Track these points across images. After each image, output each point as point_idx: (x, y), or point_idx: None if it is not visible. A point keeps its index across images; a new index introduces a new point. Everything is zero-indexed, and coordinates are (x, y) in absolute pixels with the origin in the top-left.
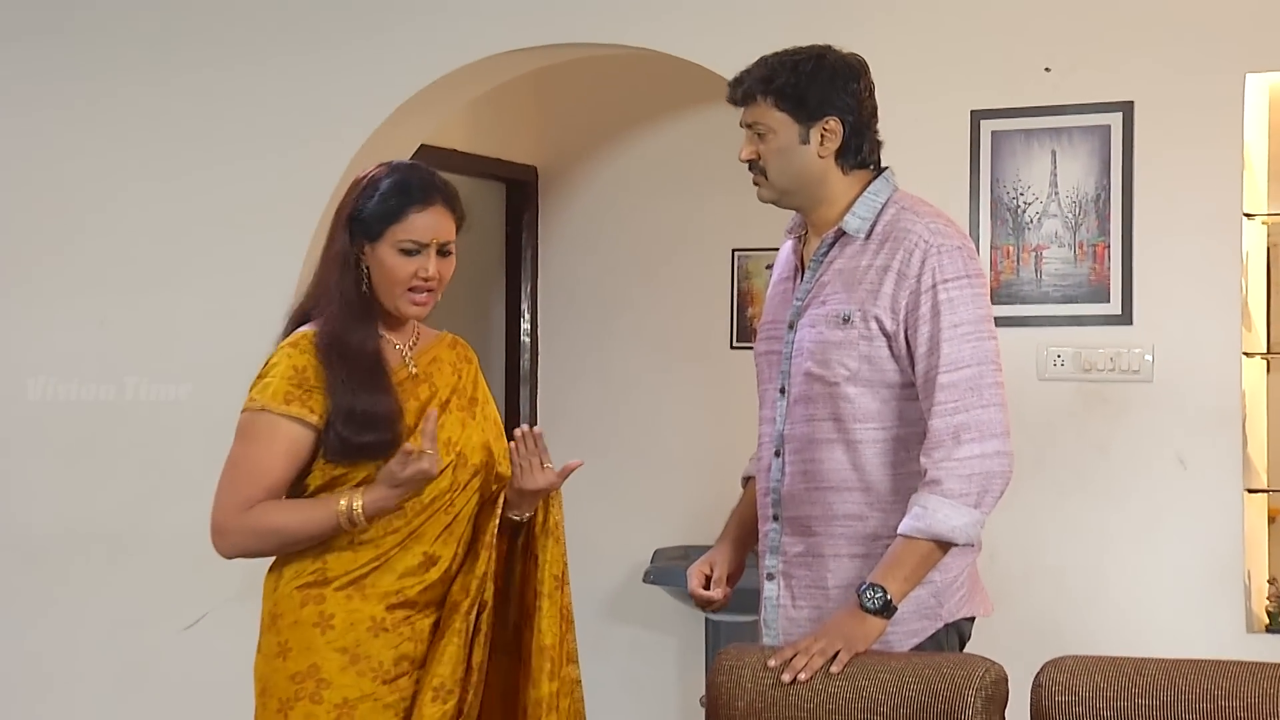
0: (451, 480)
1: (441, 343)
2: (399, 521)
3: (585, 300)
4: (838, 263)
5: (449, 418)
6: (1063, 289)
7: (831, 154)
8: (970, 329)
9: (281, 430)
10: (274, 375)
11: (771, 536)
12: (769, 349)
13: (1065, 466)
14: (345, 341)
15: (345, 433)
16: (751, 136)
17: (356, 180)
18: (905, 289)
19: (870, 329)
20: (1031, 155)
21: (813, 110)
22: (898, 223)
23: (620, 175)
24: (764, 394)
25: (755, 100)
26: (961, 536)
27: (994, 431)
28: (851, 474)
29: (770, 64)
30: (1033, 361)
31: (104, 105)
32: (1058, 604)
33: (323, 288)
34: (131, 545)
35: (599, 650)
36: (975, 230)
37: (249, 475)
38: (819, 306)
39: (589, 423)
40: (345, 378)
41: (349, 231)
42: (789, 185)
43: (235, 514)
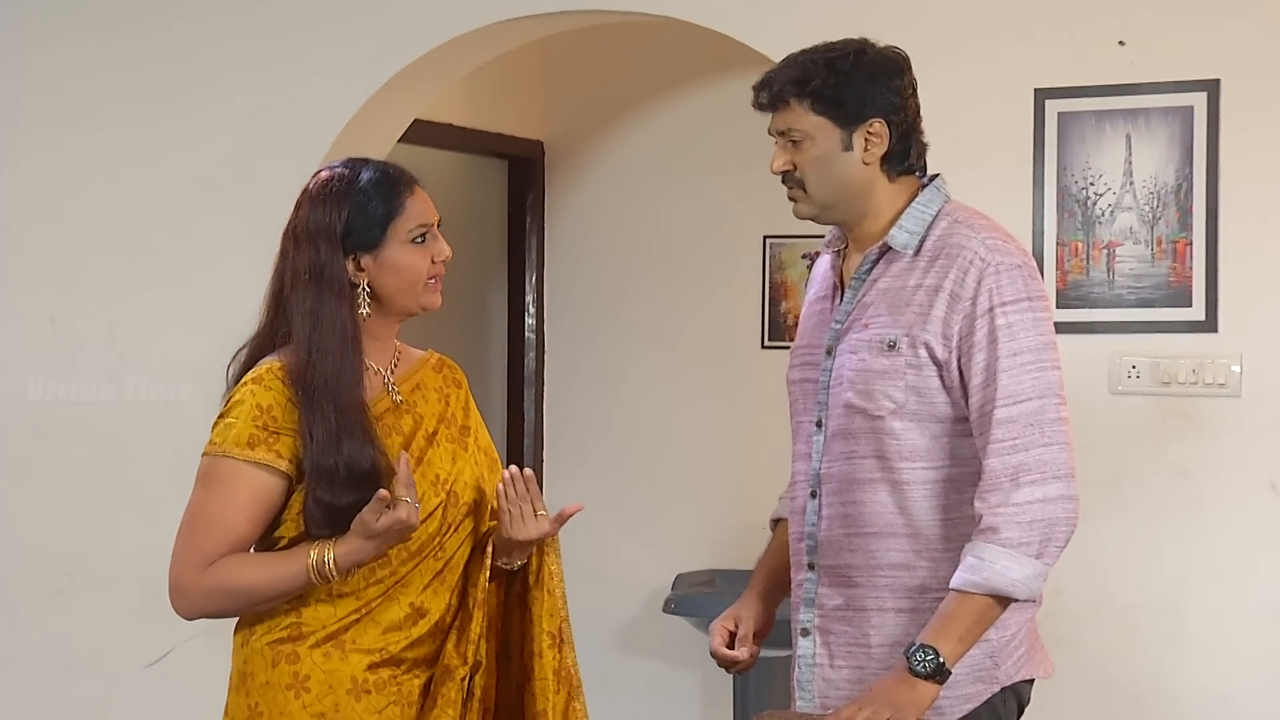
0: (441, 522)
1: (426, 365)
2: (383, 570)
3: (596, 293)
4: (882, 282)
5: (437, 451)
6: (1138, 291)
7: (877, 160)
8: (1031, 358)
9: (245, 478)
10: (237, 415)
11: (807, 587)
12: (804, 376)
13: (1141, 492)
14: (333, 382)
15: (325, 496)
16: (784, 145)
17: (314, 196)
18: (959, 312)
19: (919, 356)
20: (1103, 140)
21: (856, 112)
22: (950, 238)
23: (637, 151)
24: (798, 427)
25: (787, 104)
26: (1022, 591)
27: (1057, 473)
28: (897, 518)
29: (802, 63)
30: (1104, 373)
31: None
32: (1131, 649)
33: (294, 317)
34: (86, 572)
35: (614, 686)
36: (1039, 225)
37: (209, 528)
38: (860, 330)
39: (600, 432)
40: (324, 425)
41: (340, 250)
42: (831, 197)
43: (194, 571)
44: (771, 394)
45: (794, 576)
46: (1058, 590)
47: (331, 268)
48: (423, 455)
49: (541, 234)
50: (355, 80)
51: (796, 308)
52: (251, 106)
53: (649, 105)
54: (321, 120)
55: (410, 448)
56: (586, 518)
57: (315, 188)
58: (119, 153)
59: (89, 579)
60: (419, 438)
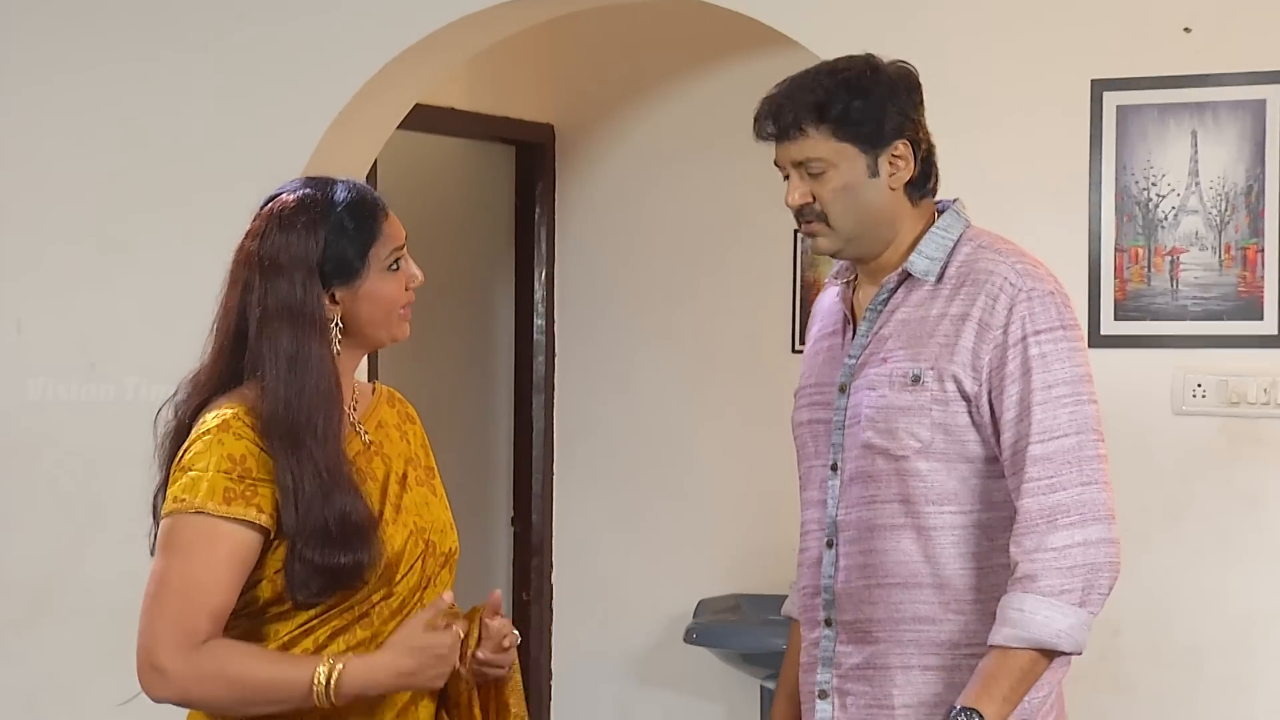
0: (421, 576)
1: (380, 400)
2: (364, 631)
3: (611, 290)
4: (901, 312)
5: (410, 496)
6: (1204, 302)
7: (901, 185)
8: (1067, 390)
9: (224, 537)
10: (203, 467)
11: (824, 645)
12: (814, 418)
13: (1206, 521)
14: (320, 431)
15: (316, 557)
16: (800, 176)
17: (283, 221)
18: (988, 342)
19: (946, 391)
20: (1167, 136)
21: (881, 135)
22: (976, 263)
23: (655, 135)
24: (809, 472)
25: (803, 132)
26: (1068, 642)
27: (1097, 514)
28: (923, 567)
29: (815, 86)
30: (1166, 391)
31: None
32: (1193, 694)
33: (265, 359)
34: (53, 599)
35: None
36: (1096, 229)
37: (188, 598)
38: (879, 365)
39: (615, 442)
40: (312, 478)
41: (318, 283)
42: (857, 229)
43: (180, 651)
44: None
45: (807, 634)
46: (1115, 630)
47: (309, 303)
48: (398, 502)
49: (551, 226)
50: (351, 64)
51: None
52: (238, 91)
53: (668, 85)
54: (314, 107)
55: (386, 494)
56: (601, 537)
57: (283, 212)
58: (90, 140)
59: (56, 607)
60: (392, 483)
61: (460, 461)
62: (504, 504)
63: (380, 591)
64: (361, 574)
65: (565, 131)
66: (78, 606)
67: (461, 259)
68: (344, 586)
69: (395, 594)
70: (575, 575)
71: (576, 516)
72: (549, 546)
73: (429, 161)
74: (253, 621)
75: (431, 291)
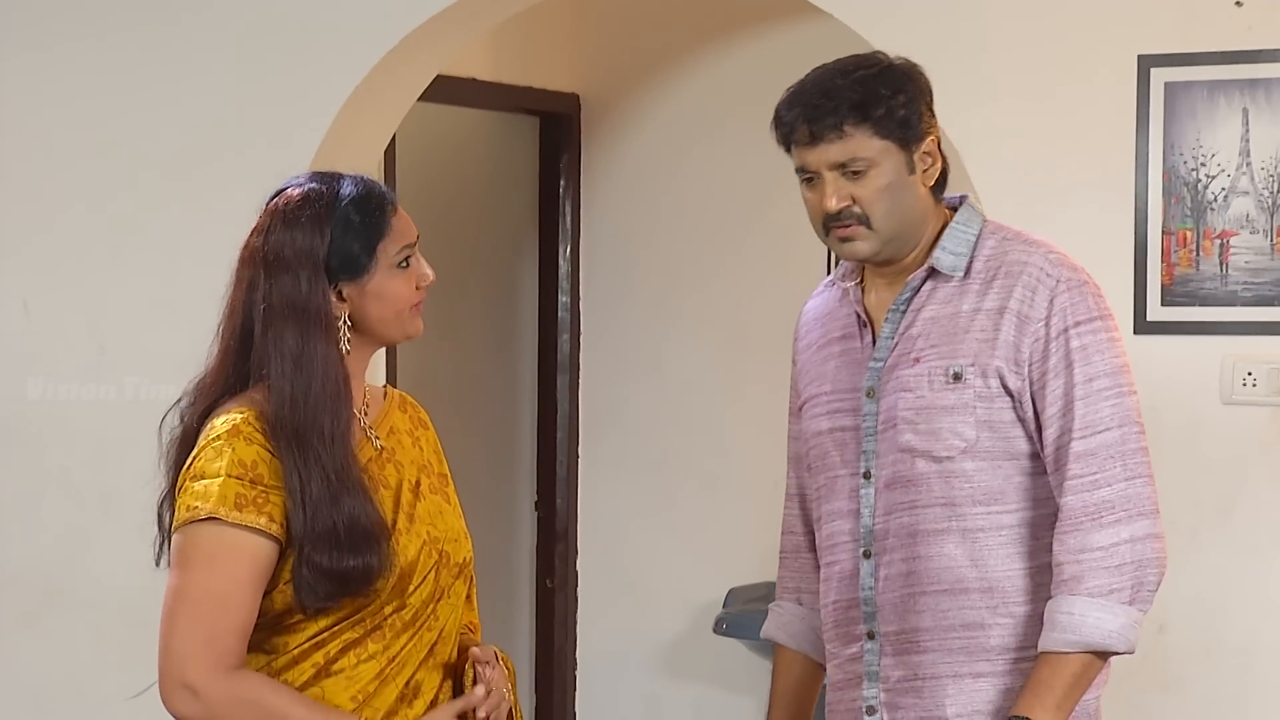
0: (434, 587)
1: (392, 404)
2: (376, 645)
3: (640, 268)
4: (929, 310)
5: (424, 505)
6: (1256, 288)
7: (931, 182)
8: (1109, 383)
9: (243, 548)
10: (215, 474)
11: (868, 659)
12: (837, 425)
13: (1258, 516)
14: (327, 432)
15: (325, 561)
16: (838, 178)
17: (287, 217)
18: (1029, 335)
19: (990, 387)
20: (1216, 114)
21: (917, 132)
22: (1006, 255)
23: (686, 106)
24: (833, 482)
25: (844, 133)
26: (1121, 643)
27: (1143, 509)
28: (969, 571)
29: (848, 85)
30: (1215, 380)
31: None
32: (1245, 696)
33: (271, 358)
34: (63, 592)
35: (659, 715)
36: (1143, 210)
37: (216, 614)
38: (910, 366)
39: (643, 427)
40: (320, 481)
41: (324, 279)
42: (897, 229)
43: (214, 671)
44: None
45: (840, 650)
46: (1161, 627)
47: (315, 300)
48: (411, 511)
49: (577, 200)
50: (369, 35)
51: None
52: (253, 63)
53: (698, 53)
54: (331, 79)
55: (399, 503)
56: (628, 523)
57: (287, 207)
58: (100, 113)
59: (65, 600)
60: (405, 491)
61: (482, 445)
62: (527, 488)
63: (393, 604)
64: (371, 579)
65: (591, 102)
66: (87, 599)
67: (484, 235)
68: (353, 593)
69: (408, 606)
70: (601, 562)
71: (603, 501)
72: (574, 532)
73: (450, 134)
74: (262, 634)
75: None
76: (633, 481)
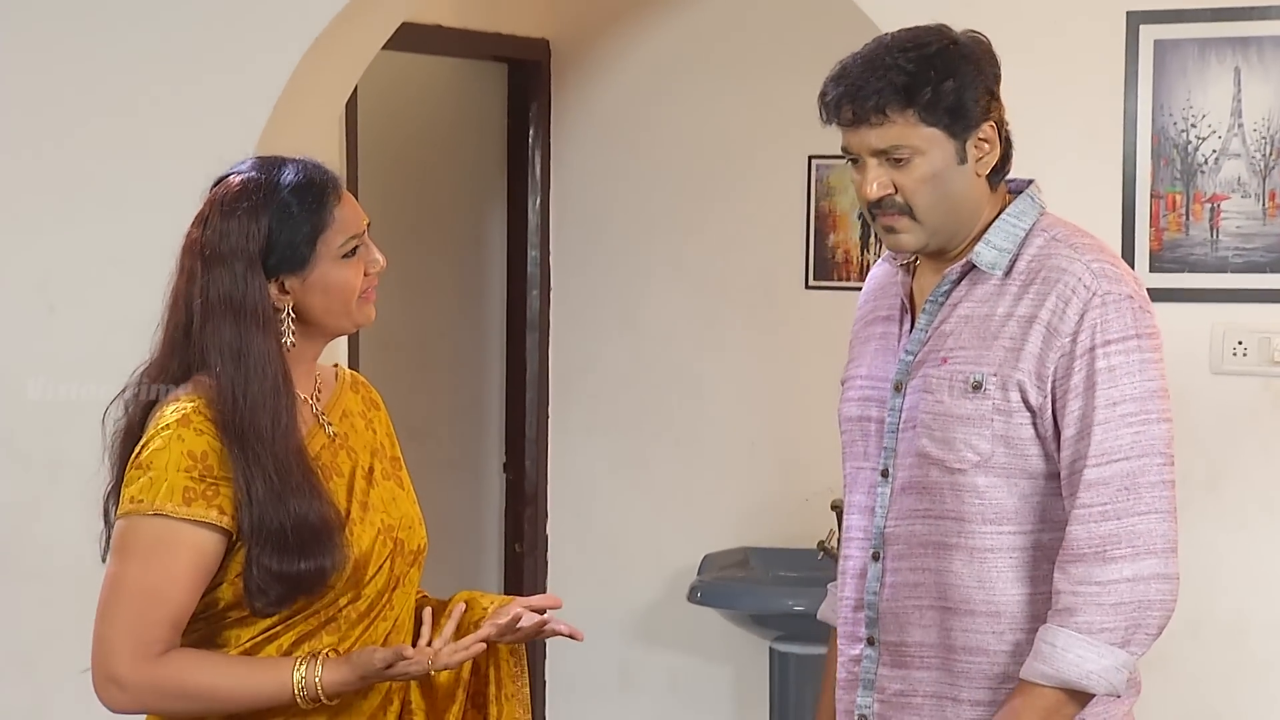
0: (389, 577)
1: (344, 386)
2: (330, 638)
3: (611, 220)
4: (964, 307)
5: (377, 492)
6: (1247, 254)
7: (987, 170)
8: (1134, 408)
9: (184, 540)
10: (161, 465)
11: (865, 665)
12: (864, 414)
13: (1247, 487)
14: (267, 431)
15: (273, 564)
16: (880, 164)
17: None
18: (1055, 349)
19: (1009, 400)
20: (1207, 73)
21: (970, 118)
22: (1049, 259)
23: (659, 53)
24: (856, 474)
25: (887, 118)
26: (1099, 685)
27: (1152, 547)
28: (976, 591)
29: (896, 65)
30: (1205, 349)
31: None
32: (1234, 673)
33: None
34: (11, 562)
35: (634, 684)
36: (1131, 173)
37: (147, 607)
38: (937, 365)
39: (615, 385)
40: (263, 481)
41: (261, 273)
42: (943, 221)
43: (137, 662)
44: (817, 341)
45: (846, 649)
46: None
47: (252, 294)
48: (365, 499)
49: (547, 150)
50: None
51: (847, 241)
52: (212, 11)
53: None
54: (292, 29)
55: (353, 491)
56: (599, 485)
57: (225, 197)
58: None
59: (15, 570)
60: (358, 478)
61: (448, 405)
62: (495, 450)
63: (347, 595)
64: (324, 580)
65: (561, 47)
66: (36, 569)
67: (450, 187)
68: (305, 593)
69: (363, 596)
70: (572, 526)
71: (573, 463)
72: (543, 495)
73: (415, 83)
74: (212, 626)
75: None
76: (604, 443)
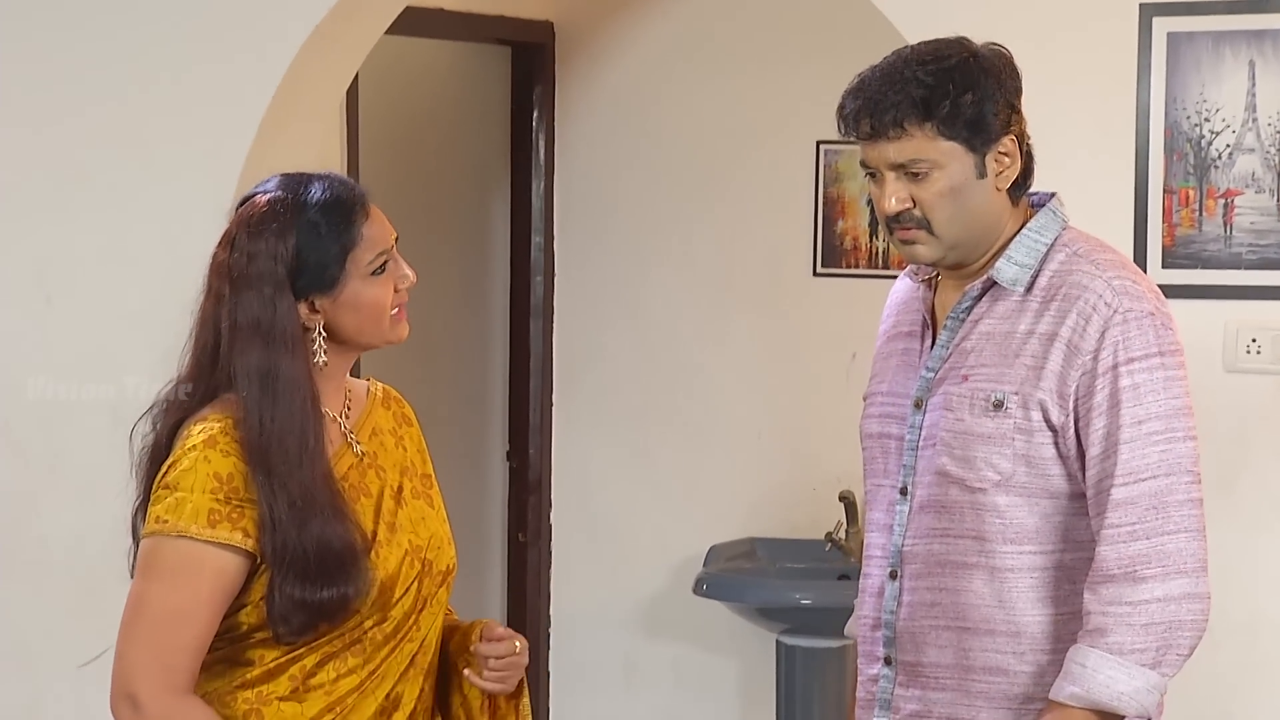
0: (416, 598)
1: (374, 402)
2: (356, 659)
3: (616, 206)
4: (985, 324)
5: (405, 512)
6: (1261, 250)
7: (1007, 185)
8: (1160, 426)
9: (210, 564)
10: (189, 486)
11: (882, 685)
12: (884, 431)
13: (1262, 488)
14: (293, 454)
15: (296, 592)
16: (898, 178)
17: (251, 229)
18: (1077, 368)
19: (1030, 420)
20: (1222, 66)
21: (990, 132)
22: (1070, 275)
23: (666, 36)
24: (876, 491)
25: (905, 131)
26: (1131, 707)
27: (1183, 567)
28: (996, 611)
29: (914, 79)
30: (1218, 347)
31: None
32: (1248, 676)
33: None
34: (9, 557)
35: (638, 677)
36: (1143, 168)
37: (173, 631)
38: (958, 383)
39: (620, 372)
40: (287, 504)
41: (290, 294)
42: (962, 235)
43: (160, 689)
44: (825, 329)
45: (865, 669)
46: None
47: (281, 318)
48: (393, 520)
49: (551, 134)
50: None
51: (855, 228)
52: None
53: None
54: (293, 13)
55: (380, 512)
56: (604, 474)
57: (252, 218)
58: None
59: (12, 565)
60: (386, 498)
61: (451, 393)
62: (499, 438)
63: (373, 618)
64: (347, 607)
65: (566, 30)
66: (34, 563)
67: (453, 172)
68: (328, 620)
69: (390, 619)
70: (576, 516)
71: (577, 452)
72: (547, 484)
73: (417, 67)
74: (235, 647)
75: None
76: (609, 431)
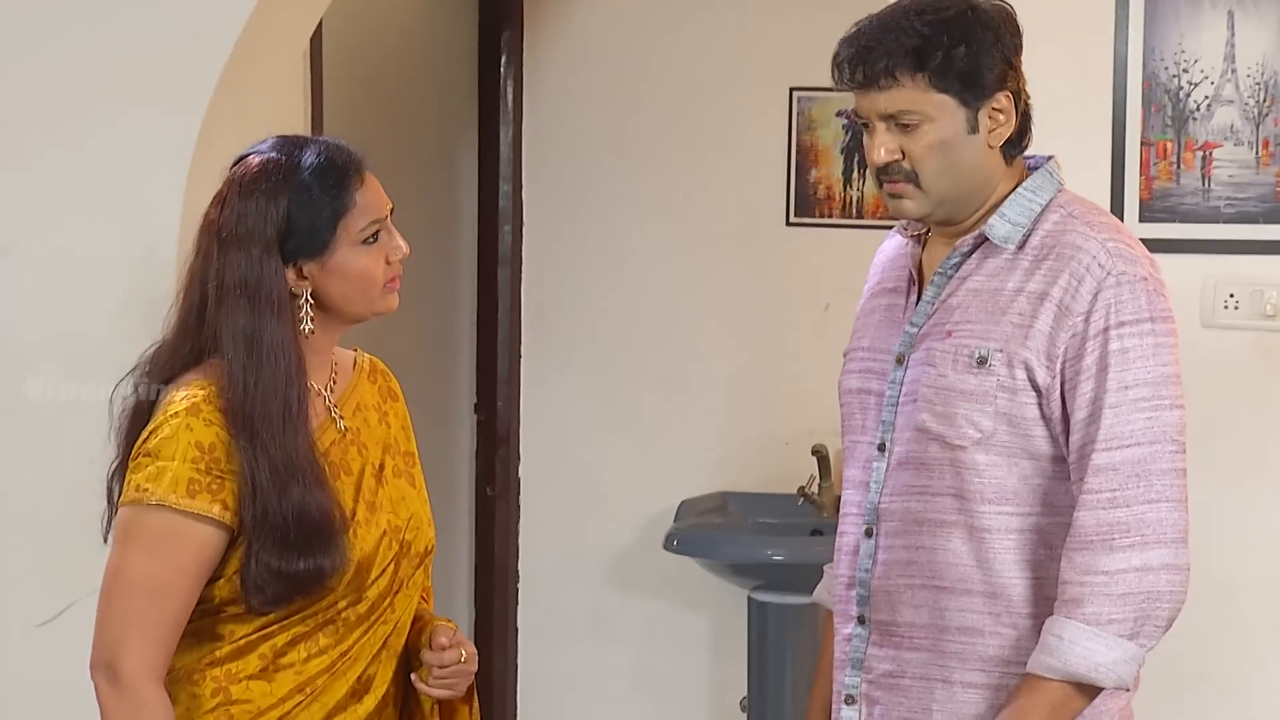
0: (392, 580)
1: (361, 375)
2: (327, 639)
3: (586, 153)
4: (974, 280)
5: (386, 491)
6: (1239, 204)
7: (1000, 143)
8: (1147, 393)
9: (190, 536)
10: (169, 455)
11: (855, 644)
12: (863, 387)
13: (1239, 444)
14: (276, 419)
15: (273, 560)
16: (888, 129)
17: (243, 189)
18: (1067, 329)
19: (1015, 379)
20: (1200, 17)
21: (984, 86)
22: (1064, 235)
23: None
24: (853, 447)
25: (896, 81)
26: (1108, 678)
27: (1162, 537)
28: (974, 571)
29: (907, 28)
30: (1195, 302)
31: None
32: (1226, 633)
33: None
34: None
35: (608, 631)
36: (1120, 119)
37: (152, 601)
38: (941, 339)
39: (590, 323)
40: (268, 470)
41: (278, 257)
42: (950, 190)
43: (143, 671)
44: (799, 280)
45: (840, 629)
46: None
47: (268, 279)
48: (373, 499)
49: (519, 80)
50: None
51: (829, 176)
52: None
53: None
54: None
55: (360, 490)
56: (574, 426)
57: (244, 178)
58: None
59: None
60: (367, 476)
61: (418, 343)
62: (466, 389)
63: (348, 598)
64: (323, 581)
65: None
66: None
67: (417, 118)
68: (303, 594)
69: (365, 599)
70: (545, 469)
71: (547, 404)
72: (516, 436)
73: (381, 12)
74: (207, 620)
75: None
76: (579, 382)
